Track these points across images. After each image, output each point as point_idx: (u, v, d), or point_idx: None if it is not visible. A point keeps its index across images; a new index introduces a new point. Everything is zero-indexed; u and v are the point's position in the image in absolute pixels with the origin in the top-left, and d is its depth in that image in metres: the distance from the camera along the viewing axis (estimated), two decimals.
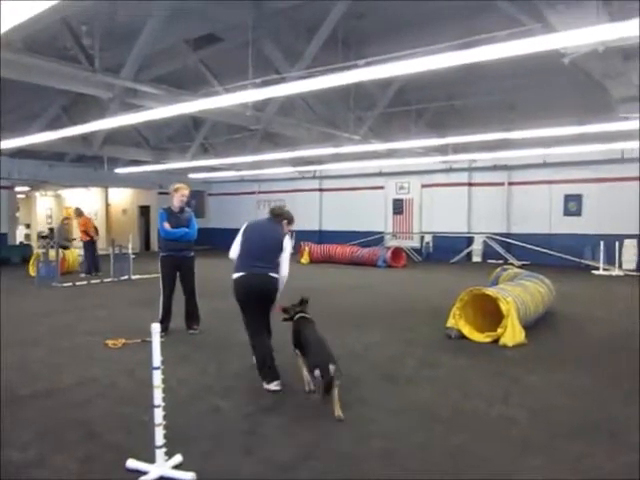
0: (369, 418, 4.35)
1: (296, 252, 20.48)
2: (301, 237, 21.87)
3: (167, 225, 7.28)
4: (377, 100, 12.57)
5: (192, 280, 7.52)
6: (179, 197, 7.42)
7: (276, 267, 5.27)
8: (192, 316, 7.53)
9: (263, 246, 5.28)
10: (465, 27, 7.75)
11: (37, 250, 15.95)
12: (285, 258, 5.33)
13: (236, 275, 5.21)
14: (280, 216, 5.57)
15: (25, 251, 18.21)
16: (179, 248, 7.34)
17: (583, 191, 17.07)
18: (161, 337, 6.60)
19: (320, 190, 22.91)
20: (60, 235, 15.60)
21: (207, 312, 9.16)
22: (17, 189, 21.27)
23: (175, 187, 7.48)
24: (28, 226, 25.84)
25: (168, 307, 7.38)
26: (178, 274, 7.44)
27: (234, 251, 5.34)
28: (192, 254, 7.51)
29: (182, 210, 7.49)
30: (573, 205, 17.36)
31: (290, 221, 5.62)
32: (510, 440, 3.93)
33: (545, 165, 17.03)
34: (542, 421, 4.30)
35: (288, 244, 5.38)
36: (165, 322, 7.14)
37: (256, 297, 5.22)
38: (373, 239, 20.67)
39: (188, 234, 7.38)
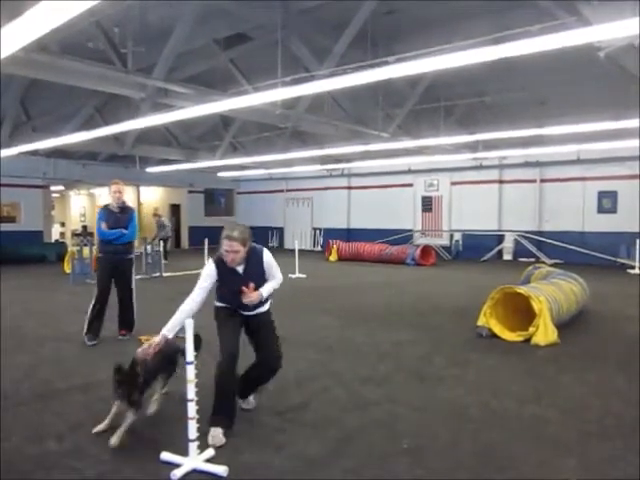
0: (398, 416, 4.35)
1: (324, 250, 20.60)
2: (329, 235, 21.96)
3: (104, 225, 6.87)
4: (406, 97, 12.50)
5: (128, 284, 7.10)
6: (113, 195, 7.03)
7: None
8: (124, 321, 7.10)
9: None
10: (497, 22, 7.67)
11: (71, 248, 16.36)
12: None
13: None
14: None
15: (60, 249, 18.63)
16: (115, 251, 6.93)
17: (618, 188, 16.67)
18: (93, 344, 6.71)
19: (349, 188, 22.89)
20: (162, 229, 17.23)
21: None
22: (52, 188, 21.80)
23: (110, 184, 7.10)
24: (63, 224, 26.47)
25: (100, 310, 6.86)
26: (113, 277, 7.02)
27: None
28: (130, 256, 7.09)
29: (122, 209, 7.07)
30: (607, 202, 16.97)
31: None
32: (541, 440, 3.88)
33: (578, 161, 16.68)
34: (574, 421, 4.24)
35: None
36: (96, 325, 6.80)
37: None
38: (402, 237, 20.58)
39: (124, 236, 6.93)
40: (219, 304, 4.35)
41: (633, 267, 14.82)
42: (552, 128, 11.51)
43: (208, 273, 4.16)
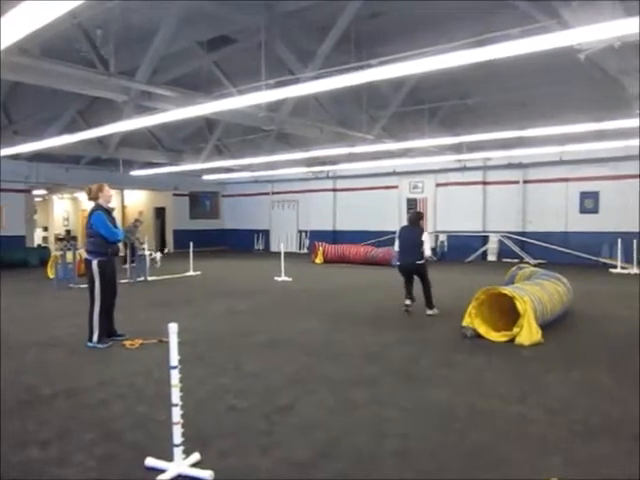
0: (385, 418, 4.35)
1: (310, 252, 20.61)
2: (315, 237, 21.96)
3: (111, 226, 6.84)
4: (390, 99, 12.56)
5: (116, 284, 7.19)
6: (108, 196, 7.05)
7: (419, 254, 8.71)
8: (112, 325, 7.07)
9: (408, 245, 8.84)
10: (479, 25, 7.74)
11: (55, 252, 16.18)
12: (425, 246, 8.70)
13: (397, 263, 9.18)
14: (415, 221, 9.11)
15: (43, 253, 18.42)
16: (117, 251, 7.03)
17: (600, 188, 16.89)
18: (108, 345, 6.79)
19: (334, 190, 22.91)
20: (131, 234, 16.39)
21: (224, 312, 9.25)
22: (34, 192, 21.53)
23: (98, 186, 6.97)
24: (46, 229, 26.15)
25: (106, 317, 6.90)
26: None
27: (396, 246, 9.16)
28: None
29: (110, 210, 7.13)
30: (590, 202, 17.18)
31: (422, 218, 9.43)
32: (528, 440, 3.91)
33: (561, 162, 16.87)
34: (560, 420, 4.27)
35: (426, 238, 8.76)
36: (105, 328, 6.85)
37: (406, 272, 9.00)
38: (388, 239, 20.58)
39: (122, 236, 7.23)
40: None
41: (615, 267, 15.01)
42: (535, 130, 11.64)
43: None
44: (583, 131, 11.30)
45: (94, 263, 6.79)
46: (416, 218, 9.15)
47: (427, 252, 8.77)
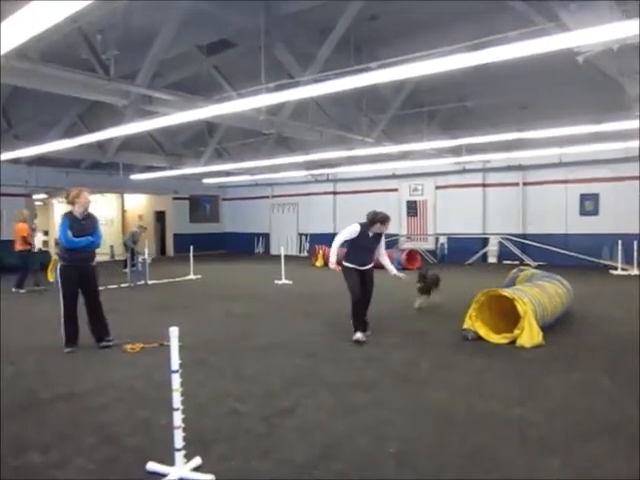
0: (385, 420, 4.35)
1: (310, 255, 20.61)
2: (315, 240, 21.95)
3: (70, 233, 6.68)
4: (390, 102, 12.58)
5: (95, 292, 7.01)
6: (83, 202, 6.85)
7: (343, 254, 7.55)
8: (100, 329, 7.02)
9: None
10: (479, 28, 7.75)
11: (55, 257, 16.13)
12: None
13: None
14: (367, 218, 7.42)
15: (43, 257, 18.40)
16: (81, 258, 6.80)
17: (600, 190, 16.89)
18: (71, 350, 6.80)
19: (334, 193, 22.92)
20: (132, 238, 16.44)
21: (224, 315, 9.25)
22: (35, 196, 21.54)
23: (76, 192, 6.85)
24: (46, 233, 26.15)
25: (73, 319, 6.85)
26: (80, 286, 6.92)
27: None
28: (94, 264, 7.03)
29: (87, 216, 6.94)
30: (589, 204, 17.17)
31: (381, 221, 7.29)
32: (527, 442, 3.90)
33: (560, 164, 16.86)
34: (560, 422, 4.26)
35: (342, 230, 7.54)
36: (75, 336, 6.85)
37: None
38: (387, 241, 20.54)
39: (93, 243, 6.87)
40: (348, 264, 7.44)
41: (615, 268, 15.00)
42: (534, 132, 11.63)
43: (354, 229, 7.25)
44: (582, 133, 11.30)
45: (57, 267, 6.97)
46: (368, 217, 7.35)
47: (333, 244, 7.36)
